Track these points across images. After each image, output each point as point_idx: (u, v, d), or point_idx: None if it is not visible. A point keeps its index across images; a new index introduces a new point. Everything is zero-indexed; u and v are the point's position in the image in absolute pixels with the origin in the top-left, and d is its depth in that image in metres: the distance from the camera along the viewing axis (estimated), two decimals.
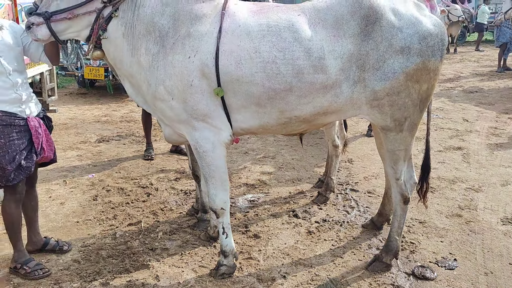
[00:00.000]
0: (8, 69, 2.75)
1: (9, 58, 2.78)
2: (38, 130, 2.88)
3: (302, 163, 5.20)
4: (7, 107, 2.77)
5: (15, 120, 2.80)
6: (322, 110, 2.70)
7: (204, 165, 2.81)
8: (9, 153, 2.77)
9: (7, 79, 2.76)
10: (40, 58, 2.97)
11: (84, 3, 2.63)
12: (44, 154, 2.94)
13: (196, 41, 2.59)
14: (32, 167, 2.89)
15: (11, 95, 2.78)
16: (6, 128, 2.76)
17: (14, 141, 2.79)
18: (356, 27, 2.59)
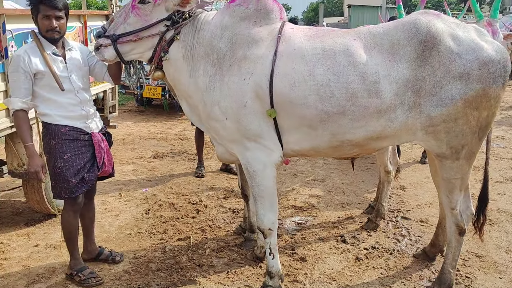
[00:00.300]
0: (76, 87, 2.95)
1: (77, 77, 2.98)
2: (101, 145, 3.04)
3: (352, 187, 5.12)
4: (74, 122, 2.94)
5: (81, 135, 2.97)
6: (375, 135, 2.67)
7: (254, 184, 2.84)
8: (74, 167, 2.93)
9: (75, 97, 2.94)
10: (104, 78, 3.16)
11: (149, 26, 2.78)
12: (105, 168, 3.09)
13: (252, 63, 2.66)
14: (93, 181, 3.06)
15: (78, 112, 2.96)
16: (72, 143, 2.93)
17: (79, 155, 2.96)
18: (413, 52, 2.56)
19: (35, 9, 2.79)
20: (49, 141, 2.92)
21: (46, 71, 2.82)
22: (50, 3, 2.77)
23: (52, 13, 2.78)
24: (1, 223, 4.10)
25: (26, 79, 2.78)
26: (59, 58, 2.91)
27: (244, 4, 2.76)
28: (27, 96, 2.81)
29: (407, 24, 2.61)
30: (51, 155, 2.93)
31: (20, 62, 2.75)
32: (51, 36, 2.84)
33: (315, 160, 6.12)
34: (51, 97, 2.87)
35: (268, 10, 2.77)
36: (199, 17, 2.85)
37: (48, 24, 2.80)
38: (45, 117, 2.91)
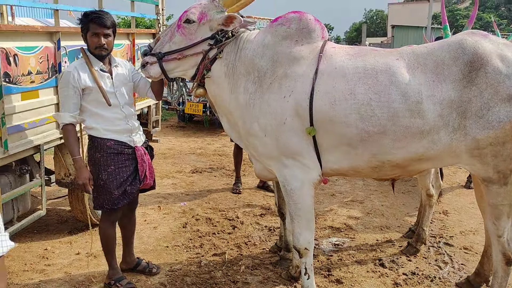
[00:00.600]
0: (122, 102, 3.05)
1: (123, 92, 3.09)
2: (143, 159, 3.12)
3: (392, 210, 4.98)
4: (119, 136, 3.04)
5: (125, 149, 3.06)
6: (417, 156, 2.61)
7: (291, 203, 2.83)
8: (117, 179, 3.02)
9: (121, 111, 3.05)
10: (147, 94, 3.25)
11: (193, 45, 2.86)
12: (146, 181, 3.16)
13: (292, 81, 2.68)
14: (135, 193, 3.14)
15: (123, 126, 3.06)
16: (116, 156, 3.03)
17: (123, 168, 3.04)
18: (458, 73, 2.50)
19: (85, 27, 2.93)
20: (94, 153, 3.03)
21: (94, 86, 2.94)
22: (99, 22, 2.90)
23: (100, 31, 2.91)
24: (46, 230, 4.27)
25: (75, 94, 2.90)
26: (106, 74, 3.02)
27: (286, 24, 2.80)
28: (75, 110, 2.93)
29: (453, 44, 2.56)
30: (96, 167, 3.03)
31: (70, 78, 2.88)
32: (99, 53, 2.97)
33: (354, 180, 6.02)
34: (98, 111, 2.99)
35: (310, 29, 2.79)
36: (242, 36, 2.91)
37: (97, 41, 2.93)
38: (92, 131, 3.03)
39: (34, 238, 4.08)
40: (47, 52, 3.33)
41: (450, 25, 14.18)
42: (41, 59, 3.27)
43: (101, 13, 2.98)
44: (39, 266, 3.56)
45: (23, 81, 3.09)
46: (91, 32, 2.92)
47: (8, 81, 2.95)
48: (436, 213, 4.86)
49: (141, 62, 3.00)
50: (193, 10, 2.86)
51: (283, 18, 2.83)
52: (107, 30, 2.95)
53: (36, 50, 3.21)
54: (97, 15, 2.93)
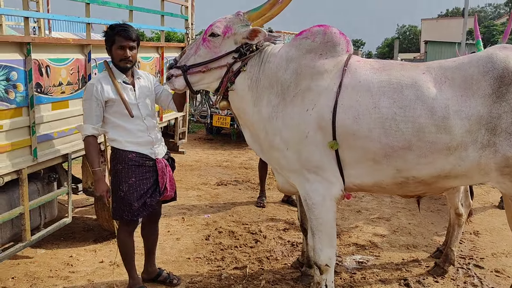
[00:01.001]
0: (144, 114, 3.07)
1: (145, 104, 3.11)
2: (164, 171, 3.12)
3: (420, 229, 4.83)
4: (141, 148, 3.05)
5: (146, 161, 3.07)
6: (443, 173, 2.53)
7: (312, 217, 2.79)
8: (137, 191, 3.03)
9: (142, 123, 3.07)
10: (169, 106, 3.28)
11: (217, 58, 2.89)
12: (167, 193, 3.16)
13: (316, 95, 2.66)
14: (154, 205, 3.14)
15: (145, 138, 3.08)
16: (138, 168, 3.04)
17: (143, 181, 3.05)
18: (488, 88, 2.42)
19: (110, 40, 2.98)
20: (116, 165, 3.05)
21: (117, 98, 2.96)
22: (125, 34, 2.95)
23: (126, 44, 2.95)
24: (72, 238, 4.36)
25: (98, 106, 2.93)
26: (128, 86, 3.05)
27: (311, 37, 2.80)
28: (98, 122, 2.96)
29: (482, 58, 2.49)
30: (117, 178, 3.05)
31: (93, 91, 2.91)
32: (124, 66, 3.00)
33: (381, 197, 5.90)
34: (120, 123, 3.01)
35: (334, 43, 2.78)
36: (266, 50, 2.92)
37: (122, 54, 2.96)
38: (114, 143, 3.05)
39: (60, 245, 4.17)
40: (78, 64, 3.43)
41: (486, 41, 13.90)
42: (72, 71, 3.38)
43: (127, 26, 3.02)
44: (63, 273, 3.63)
45: (54, 91, 3.20)
46: (117, 44, 2.96)
47: (40, 91, 3.06)
48: (467, 233, 4.68)
49: (166, 75, 3.04)
50: (218, 24, 2.90)
51: (308, 32, 2.83)
52: (132, 43, 2.99)
53: (68, 62, 3.32)
54: (123, 28, 2.98)
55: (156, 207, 3.20)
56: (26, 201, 2.98)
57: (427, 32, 45.27)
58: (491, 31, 37.59)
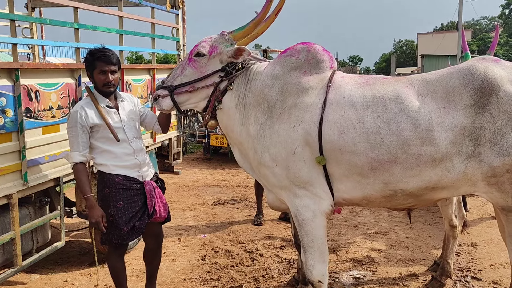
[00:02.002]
0: (130, 137, 3.06)
1: (130, 127, 3.09)
2: (152, 194, 3.10)
3: (418, 242, 4.80)
4: (128, 172, 3.04)
5: (134, 184, 3.05)
6: (430, 185, 2.53)
7: (303, 233, 2.78)
8: (126, 215, 3.01)
9: (129, 146, 3.05)
10: (154, 127, 3.27)
11: (204, 77, 2.92)
12: (156, 215, 3.13)
13: (302, 111, 2.68)
14: (143, 228, 3.09)
15: (132, 161, 3.05)
16: (125, 192, 3.02)
17: (131, 204, 3.03)
18: (469, 99, 2.45)
19: (90, 65, 2.96)
20: (103, 189, 3.03)
21: (101, 123, 2.95)
22: (106, 59, 2.94)
23: (108, 68, 2.94)
24: (68, 262, 4.34)
25: (83, 133, 2.91)
26: (112, 110, 3.03)
27: (295, 55, 2.83)
28: (85, 149, 2.94)
29: (462, 70, 2.52)
30: (105, 203, 3.02)
31: (78, 118, 2.89)
32: (107, 90, 2.99)
33: (379, 211, 5.87)
34: (106, 148, 2.99)
35: (318, 59, 2.81)
36: (252, 68, 2.96)
37: (105, 78, 2.95)
38: (101, 167, 3.03)
39: (55, 269, 4.15)
40: (68, 88, 3.48)
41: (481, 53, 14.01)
42: (62, 95, 3.42)
43: (106, 51, 3.01)
44: None
45: (44, 116, 3.23)
46: (98, 69, 2.94)
47: (29, 116, 3.09)
48: (464, 245, 4.65)
49: (153, 95, 3.06)
50: (204, 43, 2.94)
51: (292, 50, 2.87)
52: (113, 67, 2.98)
53: (58, 86, 3.37)
54: (103, 53, 2.97)
55: (144, 230, 3.13)
56: (17, 226, 2.98)
57: (423, 46, 45.69)
58: (486, 43, 37.87)
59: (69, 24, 3.46)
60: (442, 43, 40.29)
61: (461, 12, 24.97)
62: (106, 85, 2.99)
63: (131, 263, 4.22)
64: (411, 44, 64.99)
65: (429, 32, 54.99)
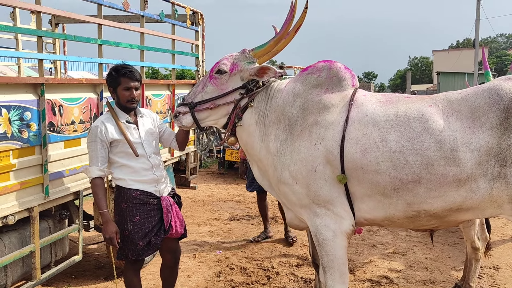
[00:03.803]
0: (148, 152, 3.07)
1: (149, 143, 3.11)
2: (169, 209, 3.10)
3: (437, 263, 4.70)
4: (145, 187, 3.05)
5: (151, 199, 3.06)
6: (454, 206, 2.48)
7: (323, 253, 2.74)
8: (142, 230, 3.01)
9: (147, 161, 3.06)
10: (171, 144, 3.29)
11: (225, 95, 2.94)
12: (172, 231, 3.12)
13: (323, 129, 2.67)
14: (159, 244, 3.08)
15: (150, 176, 3.06)
16: (142, 207, 3.02)
17: (148, 219, 3.03)
18: (495, 119, 2.40)
19: (114, 81, 2.99)
20: (120, 203, 3.04)
21: (121, 139, 2.98)
22: (131, 75, 2.99)
23: (132, 85, 2.99)
24: (84, 275, 4.34)
25: (102, 148, 2.94)
26: (132, 126, 3.06)
27: (316, 73, 2.83)
28: (104, 164, 2.96)
29: (488, 90, 2.48)
30: (122, 217, 3.03)
31: (98, 133, 2.93)
32: (130, 106, 3.03)
33: (396, 231, 5.78)
34: (125, 162, 3.01)
35: (340, 77, 2.80)
36: (272, 85, 2.96)
37: (129, 95, 2.99)
38: (119, 181, 3.05)
39: (71, 283, 4.15)
40: (90, 102, 3.52)
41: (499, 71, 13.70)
42: (84, 109, 3.46)
43: (131, 67, 3.05)
44: None
45: (66, 130, 3.27)
46: (123, 86, 2.98)
47: (52, 130, 3.13)
48: (486, 267, 4.53)
49: (174, 112, 3.07)
50: (225, 61, 2.96)
51: (313, 67, 2.87)
52: (137, 83, 3.03)
53: (80, 101, 3.41)
54: (128, 70, 3.01)
55: (160, 246, 3.11)
56: (37, 239, 2.99)
57: (439, 63, 45.47)
58: (503, 61, 37.63)
59: (93, 40, 3.52)
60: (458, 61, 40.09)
61: (478, 30, 24.87)
62: (130, 101, 3.03)
63: (146, 278, 4.21)
64: (426, 61, 64.78)
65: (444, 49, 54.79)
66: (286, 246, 5.29)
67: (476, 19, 24.92)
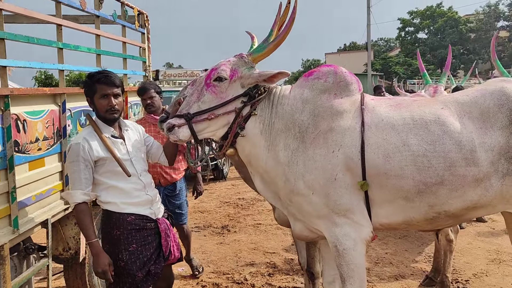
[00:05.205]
0: (139, 170, 2.74)
1: (138, 159, 2.77)
2: (167, 233, 2.79)
3: (398, 257, 4.91)
4: (139, 209, 2.70)
5: (147, 224, 2.72)
6: (471, 204, 2.57)
7: (343, 263, 2.65)
8: (140, 259, 2.66)
9: (139, 181, 2.73)
10: (159, 159, 2.96)
11: (225, 103, 2.70)
12: (171, 257, 2.83)
13: (339, 135, 2.59)
14: (159, 273, 2.75)
15: (143, 197, 2.73)
16: (138, 233, 2.68)
17: (145, 246, 2.69)
18: (505, 119, 2.53)
19: (90, 90, 2.63)
20: (111, 231, 2.66)
21: (107, 156, 2.61)
22: (108, 81, 2.62)
23: (110, 91, 2.62)
24: None
25: (86, 168, 2.56)
26: (119, 141, 2.71)
27: (322, 78, 2.74)
28: (88, 186, 2.58)
29: (495, 92, 2.60)
30: (114, 246, 2.65)
31: (80, 151, 2.54)
32: (110, 117, 2.66)
33: None
34: (113, 183, 2.65)
35: (347, 82, 2.75)
36: (275, 92, 2.81)
37: (107, 103, 2.62)
38: (108, 205, 2.67)
39: None
40: (52, 115, 3.03)
41: (385, 72, 14.59)
42: (48, 124, 2.97)
43: (108, 72, 2.69)
44: None
45: (31, 149, 2.78)
46: (99, 94, 2.61)
47: (17, 150, 2.63)
48: None
49: (166, 126, 2.72)
50: (223, 67, 2.73)
51: (318, 72, 2.78)
52: (116, 90, 2.66)
53: (43, 114, 2.92)
54: (104, 75, 2.65)
55: (160, 275, 2.77)
56: (8, 283, 2.48)
57: None
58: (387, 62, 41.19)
59: (54, 43, 3.03)
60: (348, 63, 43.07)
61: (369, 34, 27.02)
62: (109, 111, 2.65)
63: None
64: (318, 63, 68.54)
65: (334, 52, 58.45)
66: (249, 254, 5.13)
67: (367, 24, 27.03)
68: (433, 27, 41.97)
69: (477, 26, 40.89)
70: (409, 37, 45.12)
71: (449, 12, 41.60)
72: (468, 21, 41.40)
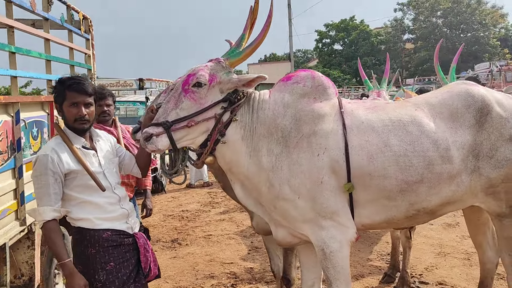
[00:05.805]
0: (113, 183, 2.56)
1: (111, 171, 2.60)
2: (146, 248, 2.61)
3: (354, 258, 5.05)
4: (115, 224, 2.52)
5: (124, 239, 2.53)
6: (446, 200, 2.72)
7: (330, 266, 2.67)
8: (119, 278, 2.46)
9: (113, 194, 2.54)
10: (132, 170, 2.79)
11: (205, 109, 2.61)
12: (151, 273, 2.65)
13: (323, 138, 2.61)
14: None
15: (118, 211, 2.55)
16: (115, 250, 2.48)
17: (124, 263, 2.49)
18: (472, 119, 2.73)
19: (59, 96, 2.43)
20: (85, 249, 2.44)
21: (79, 169, 2.41)
22: (79, 88, 2.43)
23: (81, 100, 2.43)
24: None
25: (55, 182, 2.34)
26: (91, 152, 2.52)
27: (301, 82, 2.76)
28: (57, 202, 2.36)
29: (462, 93, 2.79)
30: (89, 266, 2.43)
31: (48, 163, 2.32)
32: (79, 127, 2.46)
33: None
34: (85, 198, 2.45)
35: (325, 86, 2.79)
36: (254, 96, 2.78)
37: (77, 112, 2.43)
38: (81, 222, 2.45)
39: None
40: (6, 127, 2.73)
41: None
42: (1, 136, 2.66)
43: (80, 79, 2.50)
44: None
45: None
46: (68, 101, 2.42)
47: None
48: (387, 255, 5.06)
49: (143, 135, 2.56)
50: (202, 72, 2.64)
51: (296, 77, 2.80)
52: (88, 98, 2.47)
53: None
54: (75, 81, 2.45)
55: None
56: None
57: None
58: None
59: (7, 47, 2.73)
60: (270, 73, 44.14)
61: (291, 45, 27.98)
62: (79, 121, 2.45)
63: None
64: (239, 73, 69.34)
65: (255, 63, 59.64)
66: (207, 266, 4.99)
67: (289, 35, 27.93)
68: (347, 39, 44.36)
69: (386, 38, 43.95)
70: (326, 48, 47.24)
71: (361, 25, 44.29)
72: (379, 34, 44.40)
